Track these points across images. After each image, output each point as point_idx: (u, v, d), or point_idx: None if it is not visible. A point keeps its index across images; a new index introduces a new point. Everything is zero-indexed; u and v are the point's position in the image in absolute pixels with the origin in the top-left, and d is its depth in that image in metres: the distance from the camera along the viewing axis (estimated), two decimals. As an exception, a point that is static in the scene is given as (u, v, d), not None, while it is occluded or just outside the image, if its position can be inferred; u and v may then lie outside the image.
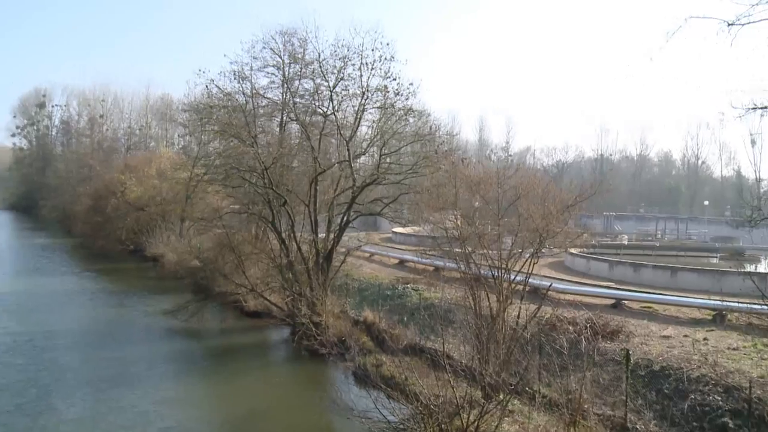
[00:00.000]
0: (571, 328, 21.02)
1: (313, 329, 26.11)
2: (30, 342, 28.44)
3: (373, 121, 33.48)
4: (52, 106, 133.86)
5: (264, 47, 33.14)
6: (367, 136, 35.25)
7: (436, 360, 16.84)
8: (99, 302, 39.26)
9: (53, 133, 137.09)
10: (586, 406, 16.54)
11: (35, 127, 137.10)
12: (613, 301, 26.51)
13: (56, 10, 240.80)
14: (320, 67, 31.36)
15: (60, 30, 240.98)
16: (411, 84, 30.38)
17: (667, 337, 21.39)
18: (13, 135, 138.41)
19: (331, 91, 31.29)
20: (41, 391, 21.76)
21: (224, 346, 30.27)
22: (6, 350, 26.80)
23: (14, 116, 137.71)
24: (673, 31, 11.30)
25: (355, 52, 30.09)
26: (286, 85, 33.95)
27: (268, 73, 34.65)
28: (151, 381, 23.59)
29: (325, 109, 32.04)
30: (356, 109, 31.85)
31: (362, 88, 30.78)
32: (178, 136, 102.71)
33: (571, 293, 27.71)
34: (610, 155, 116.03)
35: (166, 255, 50.20)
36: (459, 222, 21.91)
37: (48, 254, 64.15)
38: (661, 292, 27.85)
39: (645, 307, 25.87)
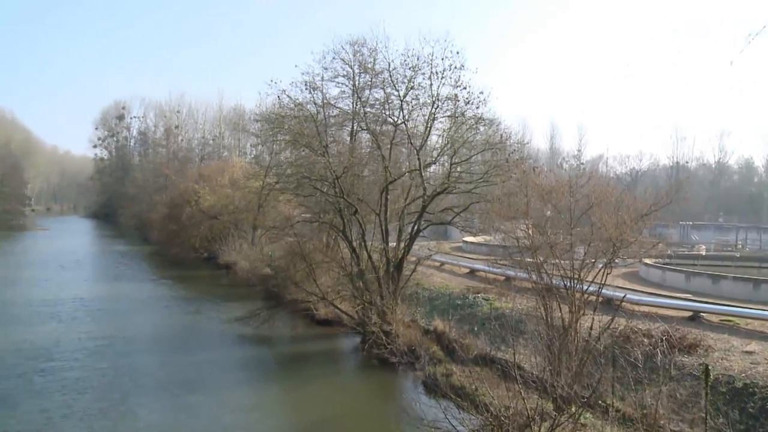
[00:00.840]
0: (646, 340, 20.46)
1: (384, 338, 26.20)
2: (110, 346, 29.44)
3: (444, 130, 33.43)
4: (131, 118, 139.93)
5: (334, 57, 33.50)
6: (437, 145, 35.23)
7: (506, 371, 16.68)
8: (174, 308, 40.36)
9: (131, 144, 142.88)
10: (662, 422, 16.05)
11: (115, 138, 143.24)
12: (690, 314, 25.70)
13: (136, 24, 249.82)
14: (390, 76, 31.56)
15: (139, 44, 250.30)
16: (481, 92, 30.22)
17: (750, 353, 20.57)
18: (95, 146, 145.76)
19: (401, 101, 31.41)
20: (122, 395, 22.47)
21: (295, 353, 30.67)
22: (88, 354, 27.78)
23: (96, 128, 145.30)
24: (755, 32, 10.93)
25: (425, 62, 30.15)
26: (356, 95, 34.22)
27: (338, 83, 35.00)
28: (225, 387, 24.11)
29: (396, 119, 32.17)
30: (426, 118, 31.88)
31: (432, 97, 30.84)
32: (251, 145, 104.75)
33: (645, 305, 26.94)
34: (686, 162, 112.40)
35: (238, 263, 51.21)
36: (530, 231, 21.63)
37: (126, 261, 66.38)
38: (743, 305, 26.83)
39: (725, 320, 24.96)
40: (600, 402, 17.67)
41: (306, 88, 33.16)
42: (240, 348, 30.70)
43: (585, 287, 19.40)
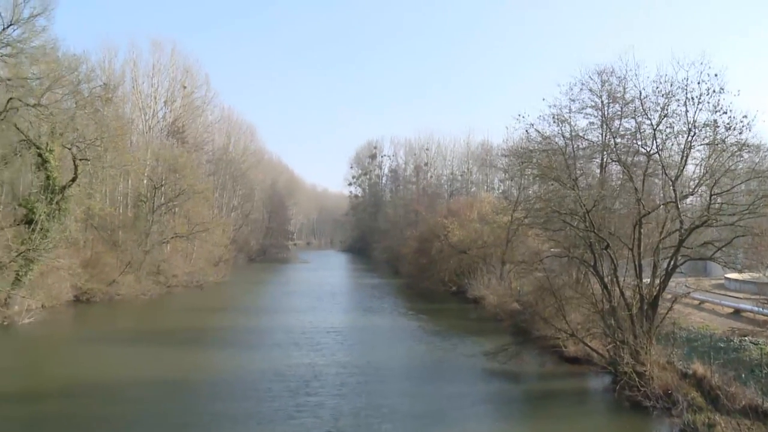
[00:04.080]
0: None
1: (636, 379, 24.84)
2: (361, 375, 30.80)
3: (702, 159, 31.11)
4: (382, 157, 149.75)
5: (582, 88, 32.95)
6: (694, 175, 32.83)
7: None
8: (423, 341, 41.37)
9: (383, 181, 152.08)
10: None
11: (368, 176, 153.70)
12: None
13: (386, 67, 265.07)
14: (641, 104, 30.15)
15: (389, 86, 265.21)
16: (745, 116, 27.52)
17: None
18: (350, 184, 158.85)
19: (654, 130, 29.84)
20: (373, 421, 23.45)
21: (542, 390, 30.05)
22: (340, 380, 29.31)
23: (351, 167, 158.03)
24: None
25: (679, 87, 28.32)
26: (605, 126, 33.26)
27: (586, 114, 34.33)
28: (471, 420, 24.21)
29: (648, 149, 30.58)
30: (682, 146, 29.85)
31: (688, 125, 28.80)
32: (498, 180, 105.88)
33: None
34: None
35: (486, 297, 51.62)
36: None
37: (378, 294, 69.34)
38: None
39: None
40: None
41: (554, 121, 32.94)
42: (487, 382, 30.75)
43: None
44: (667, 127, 29.63)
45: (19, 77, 41.12)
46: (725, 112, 27.74)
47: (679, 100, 28.57)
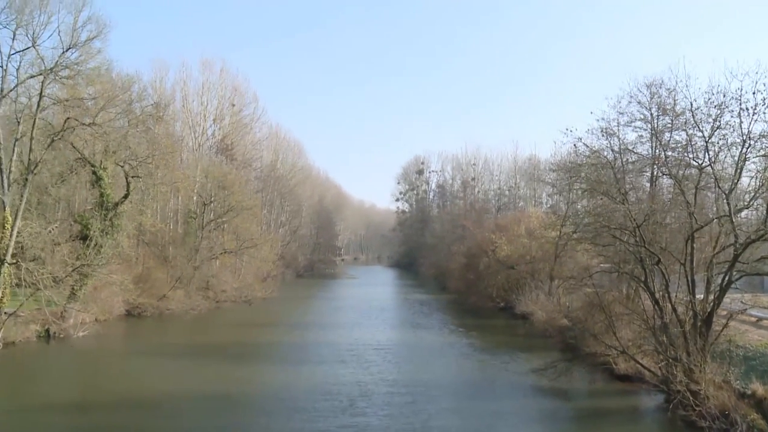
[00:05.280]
0: None
1: (691, 398, 24.10)
2: (409, 391, 30.49)
3: (757, 171, 30.29)
4: (429, 172, 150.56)
5: (630, 101, 32.51)
6: (749, 188, 31.99)
7: None
8: (471, 357, 41.10)
9: (430, 197, 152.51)
10: None
11: (415, 192, 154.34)
12: None
13: (433, 83, 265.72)
14: (693, 116, 29.50)
15: (437, 101, 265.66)
16: (803, 127, 26.93)
17: None
18: (397, 199, 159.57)
19: (706, 142, 29.13)
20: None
21: (593, 408, 29.49)
22: (386, 396, 29.17)
23: (398, 183, 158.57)
24: None
25: (732, 98, 27.61)
26: (655, 138, 32.71)
27: (635, 127, 33.87)
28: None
29: (700, 161, 29.88)
30: (736, 159, 29.11)
31: (742, 136, 28.04)
32: (546, 195, 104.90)
33: None
34: None
35: (534, 313, 50.95)
36: None
37: (425, 309, 69.05)
38: None
39: None
40: None
41: (602, 135, 32.57)
42: (537, 400, 30.28)
43: None
44: (720, 139, 28.93)
45: (76, 98, 42.46)
46: (783, 122, 26.99)
47: (732, 111, 27.88)
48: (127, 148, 48.03)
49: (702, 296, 28.69)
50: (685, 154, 31.26)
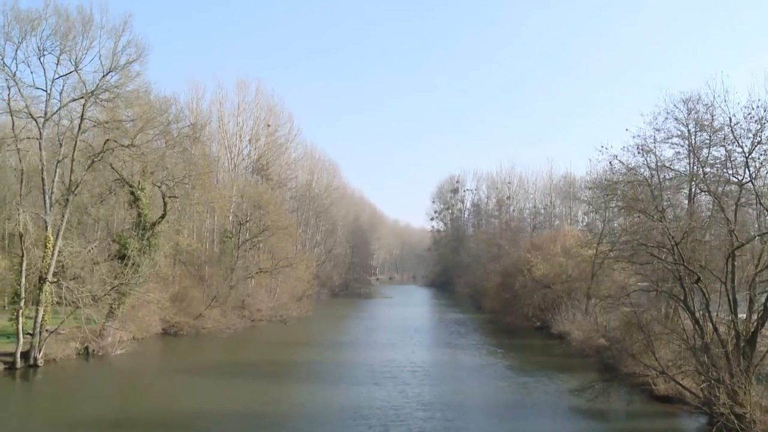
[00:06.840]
0: None
1: (736, 422, 23.42)
2: (443, 412, 30.26)
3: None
4: (464, 191, 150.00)
5: (667, 117, 32.05)
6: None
7: None
8: (506, 377, 40.65)
9: (465, 216, 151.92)
10: None
11: (450, 211, 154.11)
12: None
13: (464, 104, 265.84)
14: (732, 132, 28.93)
15: (471, 121, 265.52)
16: None
17: None
18: (432, 219, 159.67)
19: (746, 157, 28.52)
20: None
21: (632, 430, 29.10)
22: (420, 418, 28.83)
23: (433, 202, 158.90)
24: None
25: (773, 111, 27.19)
26: (693, 155, 32.15)
27: (672, 143, 33.34)
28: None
29: (740, 177, 29.24)
30: (778, 174, 28.57)
31: (785, 151, 27.57)
32: (582, 213, 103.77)
33: None
34: None
35: (571, 332, 50.36)
36: None
37: (461, 329, 68.62)
38: None
39: None
40: None
41: (638, 152, 32.17)
42: (574, 421, 29.88)
43: None
44: (761, 155, 28.29)
45: (115, 120, 43.33)
46: (826, 137, 26.40)
47: (773, 125, 27.32)
48: (164, 168, 48.85)
49: (744, 315, 27.99)
50: (724, 171, 30.64)
